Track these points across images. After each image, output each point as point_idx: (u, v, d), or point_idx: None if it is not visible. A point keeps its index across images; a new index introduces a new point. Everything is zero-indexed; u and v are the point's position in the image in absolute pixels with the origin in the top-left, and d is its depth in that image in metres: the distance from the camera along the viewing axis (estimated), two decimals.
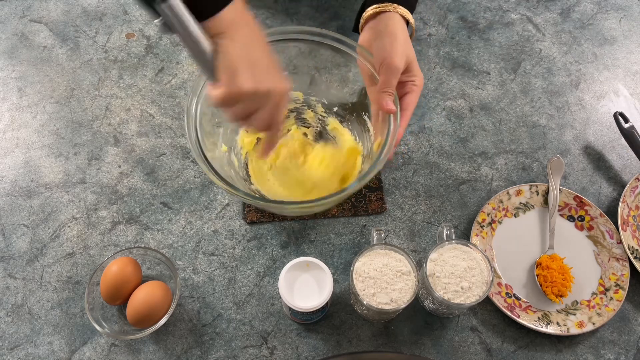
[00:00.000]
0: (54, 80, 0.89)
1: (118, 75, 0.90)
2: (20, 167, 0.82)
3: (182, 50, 0.92)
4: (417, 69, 0.70)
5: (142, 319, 0.67)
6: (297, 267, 0.66)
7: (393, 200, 0.81)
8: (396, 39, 0.67)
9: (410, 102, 0.69)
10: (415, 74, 0.69)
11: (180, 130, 0.85)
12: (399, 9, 0.69)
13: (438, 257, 0.67)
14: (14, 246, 0.76)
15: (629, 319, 0.74)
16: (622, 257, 0.75)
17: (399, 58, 0.66)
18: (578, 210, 0.79)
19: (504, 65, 0.94)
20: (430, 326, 0.72)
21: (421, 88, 0.70)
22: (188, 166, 0.82)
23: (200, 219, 0.79)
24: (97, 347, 0.70)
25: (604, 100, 0.91)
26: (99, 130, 0.85)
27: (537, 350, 0.71)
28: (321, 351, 0.71)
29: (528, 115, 0.89)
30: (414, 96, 0.69)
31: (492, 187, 0.82)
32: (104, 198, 0.80)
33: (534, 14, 1.00)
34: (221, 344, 0.71)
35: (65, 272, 0.75)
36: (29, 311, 0.72)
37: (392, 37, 0.67)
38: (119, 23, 0.95)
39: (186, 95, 0.88)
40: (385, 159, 0.65)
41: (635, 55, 0.96)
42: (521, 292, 0.75)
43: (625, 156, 0.86)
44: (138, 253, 0.72)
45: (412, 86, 0.69)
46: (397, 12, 0.69)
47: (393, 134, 0.66)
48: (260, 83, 0.55)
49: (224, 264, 0.76)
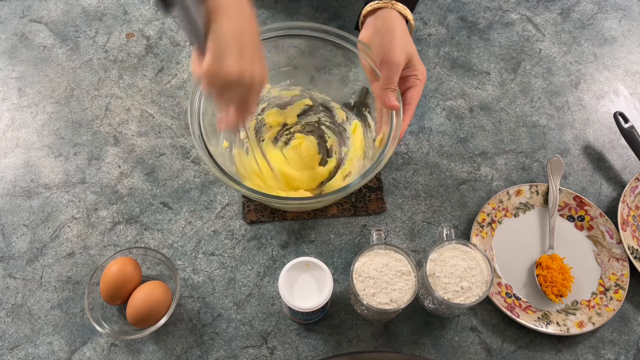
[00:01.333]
0: (54, 80, 0.89)
1: (118, 75, 0.90)
2: (20, 167, 0.82)
3: (182, 50, 0.92)
4: (418, 63, 0.70)
5: (142, 319, 0.67)
6: (297, 267, 0.66)
7: (393, 200, 0.81)
8: (394, 35, 0.67)
9: (413, 96, 0.69)
10: (417, 68, 0.70)
11: (180, 131, 0.85)
12: (397, 5, 0.69)
13: (438, 257, 0.67)
14: (14, 246, 0.76)
15: (628, 319, 0.74)
16: (622, 257, 0.75)
17: (399, 54, 0.66)
18: (578, 210, 0.79)
19: (503, 65, 0.94)
20: (430, 326, 0.72)
21: (424, 81, 0.70)
22: (188, 166, 0.82)
23: (200, 219, 0.78)
24: (97, 347, 0.70)
25: (603, 100, 0.91)
26: (98, 130, 0.85)
27: (537, 350, 0.71)
28: (321, 351, 0.71)
29: (528, 115, 0.89)
30: (417, 90, 0.70)
31: (492, 187, 0.82)
32: (104, 198, 0.80)
33: (533, 14, 1.00)
34: (221, 344, 0.71)
35: (65, 272, 0.75)
36: (28, 311, 0.72)
37: (391, 34, 0.67)
38: (119, 23, 0.95)
39: (186, 95, 0.88)
40: (389, 155, 0.65)
41: (635, 55, 0.96)
42: (521, 292, 0.75)
43: (625, 156, 0.86)
44: (138, 253, 0.72)
45: (414, 80, 0.69)
46: (395, 9, 0.69)
47: (396, 129, 0.67)
48: (244, 69, 0.55)
49: (224, 264, 0.76)
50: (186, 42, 0.93)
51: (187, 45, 0.93)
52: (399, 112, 0.68)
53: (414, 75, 0.70)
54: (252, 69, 0.56)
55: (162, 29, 0.95)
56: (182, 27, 0.63)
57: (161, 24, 0.95)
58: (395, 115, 0.67)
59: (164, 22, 0.95)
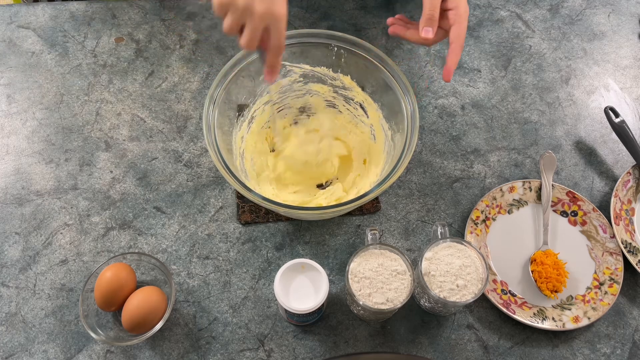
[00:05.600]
0: (43, 86, 0.89)
1: (108, 80, 0.89)
2: (10, 174, 0.81)
3: (172, 54, 0.92)
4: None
5: (138, 324, 0.67)
6: (293, 269, 0.66)
7: (387, 199, 0.81)
8: None
9: (457, 34, 0.66)
10: (456, 4, 0.66)
11: (171, 134, 0.85)
12: None
13: (433, 256, 0.67)
14: (6, 254, 0.75)
15: (623, 313, 0.74)
16: (616, 251, 0.76)
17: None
18: (571, 206, 0.79)
19: (494, 63, 0.94)
20: (426, 325, 0.72)
21: (466, 17, 0.67)
22: (180, 170, 0.82)
23: (194, 222, 0.78)
24: (92, 354, 0.70)
25: (594, 95, 0.92)
26: (89, 135, 0.85)
27: (534, 346, 0.72)
28: (318, 352, 0.71)
29: (519, 112, 0.89)
30: (460, 27, 0.66)
31: (485, 184, 0.83)
32: (97, 204, 0.79)
33: (523, 11, 1.00)
34: (218, 347, 0.70)
35: (59, 279, 0.74)
36: (22, 319, 0.71)
37: None
38: (108, 27, 0.95)
39: (177, 99, 0.88)
40: (410, 153, 0.67)
41: (624, 50, 0.96)
42: (516, 288, 0.75)
43: (617, 150, 0.86)
44: (132, 258, 0.72)
45: (454, 16, 0.67)
46: None
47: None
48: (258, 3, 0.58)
49: (218, 267, 0.75)
50: (176, 45, 0.93)
51: (177, 48, 0.93)
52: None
53: (452, 10, 0.66)
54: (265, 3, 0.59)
55: (151, 33, 0.94)
56: None
57: (150, 28, 0.95)
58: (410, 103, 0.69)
59: (153, 26, 0.95)
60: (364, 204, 0.79)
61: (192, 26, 0.95)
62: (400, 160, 0.67)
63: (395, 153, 0.71)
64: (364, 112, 0.80)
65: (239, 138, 0.77)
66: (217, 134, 0.69)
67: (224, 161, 0.67)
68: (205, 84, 0.89)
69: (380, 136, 0.78)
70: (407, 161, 0.67)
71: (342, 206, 0.65)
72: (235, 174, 0.67)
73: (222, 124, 0.72)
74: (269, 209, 0.69)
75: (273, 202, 0.65)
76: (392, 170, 0.67)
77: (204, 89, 0.89)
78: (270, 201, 0.65)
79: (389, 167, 0.69)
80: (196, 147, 0.84)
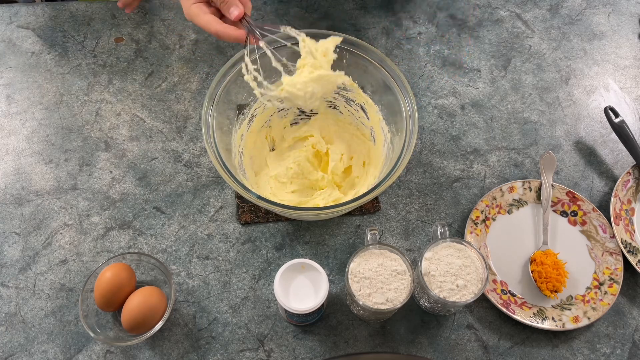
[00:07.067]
0: (43, 86, 0.89)
1: (107, 80, 0.89)
2: (10, 174, 0.81)
3: (172, 54, 0.92)
4: None
5: (138, 324, 0.66)
6: (292, 269, 0.66)
7: (387, 199, 0.81)
8: None
9: None
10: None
11: (171, 134, 0.85)
12: None
13: (433, 256, 0.67)
14: (5, 254, 0.75)
15: (623, 313, 0.74)
16: (616, 251, 0.76)
17: None
18: (571, 206, 0.79)
19: (494, 63, 0.94)
20: (426, 325, 0.72)
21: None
22: (180, 170, 0.82)
23: (194, 222, 0.78)
24: (92, 355, 0.70)
25: (594, 95, 0.92)
26: (89, 135, 0.85)
27: (534, 346, 0.72)
28: (318, 353, 0.70)
29: (519, 112, 0.89)
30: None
31: (485, 184, 0.83)
32: (96, 204, 0.79)
33: (522, 11, 1.00)
34: (217, 348, 0.70)
35: (59, 279, 0.74)
36: (22, 320, 0.71)
37: None
38: (107, 27, 0.95)
39: (177, 99, 0.88)
40: (409, 154, 0.67)
41: (624, 50, 0.96)
42: (516, 288, 0.75)
43: (617, 150, 0.86)
44: (132, 259, 0.72)
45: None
46: None
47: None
48: None
49: (218, 267, 0.75)
50: (175, 45, 0.93)
51: (177, 48, 0.93)
52: None
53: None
54: None
55: (151, 32, 0.94)
56: None
57: (150, 28, 0.95)
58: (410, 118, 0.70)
59: (152, 26, 0.95)
60: (364, 204, 0.79)
61: (192, 26, 0.95)
62: (399, 161, 0.67)
63: (393, 156, 0.71)
64: (365, 114, 0.79)
65: (238, 136, 0.77)
66: (216, 133, 0.69)
67: (222, 160, 0.67)
68: (205, 83, 0.89)
69: (380, 139, 0.78)
70: (406, 162, 0.66)
71: (340, 207, 0.65)
72: (233, 173, 0.67)
73: (221, 124, 0.72)
74: (266, 208, 0.69)
75: (269, 201, 0.65)
76: (390, 171, 0.67)
77: (204, 88, 0.89)
78: (266, 201, 0.65)
79: (387, 169, 0.69)
80: (196, 147, 0.84)
